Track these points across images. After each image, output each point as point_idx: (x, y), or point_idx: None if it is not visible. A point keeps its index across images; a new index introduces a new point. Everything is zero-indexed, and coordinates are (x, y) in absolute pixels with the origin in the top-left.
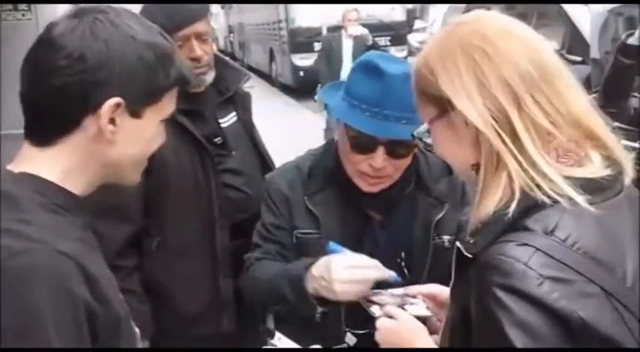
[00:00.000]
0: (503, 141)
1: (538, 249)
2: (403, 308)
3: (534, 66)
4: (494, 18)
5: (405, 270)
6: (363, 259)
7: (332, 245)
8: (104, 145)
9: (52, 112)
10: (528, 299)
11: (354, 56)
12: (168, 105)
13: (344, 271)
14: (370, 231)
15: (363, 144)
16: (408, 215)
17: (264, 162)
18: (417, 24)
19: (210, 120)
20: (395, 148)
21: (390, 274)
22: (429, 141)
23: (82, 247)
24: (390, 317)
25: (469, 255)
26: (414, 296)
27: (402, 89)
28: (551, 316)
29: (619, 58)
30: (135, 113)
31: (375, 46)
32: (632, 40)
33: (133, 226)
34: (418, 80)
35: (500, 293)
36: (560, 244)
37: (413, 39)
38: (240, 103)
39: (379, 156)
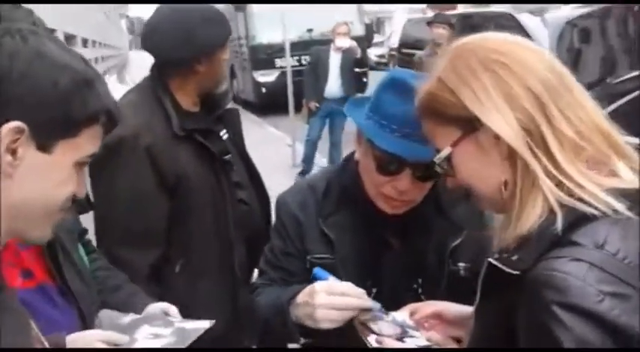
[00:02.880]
0: (536, 155)
1: (592, 264)
2: (402, 341)
3: (552, 74)
4: (495, 35)
5: (422, 297)
6: (347, 286)
7: (318, 271)
8: (5, 186)
9: None
10: (589, 316)
11: (342, 69)
12: (87, 144)
13: (326, 297)
14: (387, 256)
15: (390, 166)
16: (424, 240)
17: (254, 175)
18: (375, 38)
19: (219, 138)
20: (422, 171)
21: (373, 305)
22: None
23: None
24: None
25: (514, 272)
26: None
27: None
28: (612, 333)
29: None
30: (43, 146)
31: (363, 59)
32: None
33: (159, 250)
34: (433, 104)
35: (558, 311)
36: (612, 258)
37: (372, 53)
38: (229, 119)
39: (405, 179)
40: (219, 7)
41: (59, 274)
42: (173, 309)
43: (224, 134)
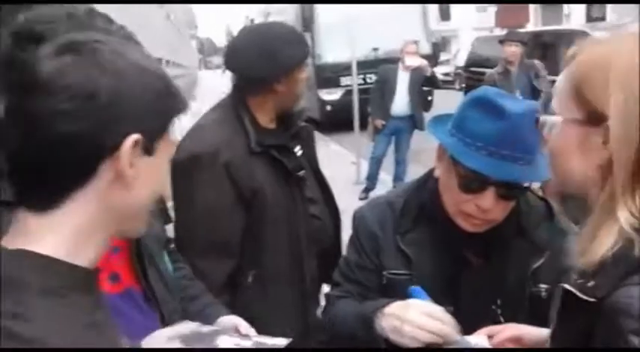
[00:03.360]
0: (636, 176)
1: None
2: None
3: None
4: None
5: (501, 318)
6: (443, 313)
7: (416, 290)
8: (121, 193)
9: (58, 168)
10: None
11: (411, 88)
12: (172, 136)
13: (420, 315)
14: (466, 275)
15: (474, 184)
16: (504, 260)
17: (325, 191)
18: (441, 56)
19: (293, 154)
20: (506, 190)
21: (460, 339)
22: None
23: (89, 336)
24: None
25: (591, 300)
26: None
27: (522, 129)
28: None
29: None
30: (148, 150)
31: (434, 78)
32: None
33: (234, 261)
34: (583, 77)
35: (636, 341)
36: None
37: (438, 72)
38: (305, 136)
39: (488, 198)
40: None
41: (145, 279)
42: (244, 324)
43: (298, 150)
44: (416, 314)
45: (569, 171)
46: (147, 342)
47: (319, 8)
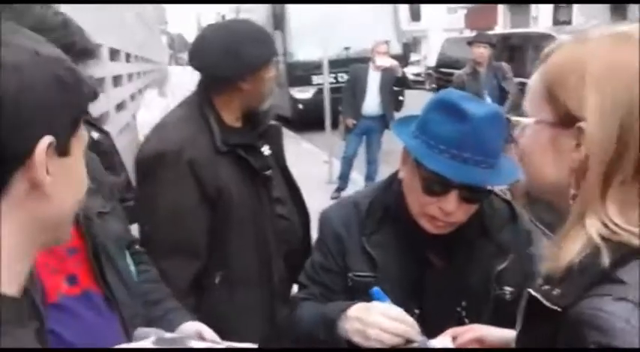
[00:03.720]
0: (608, 181)
1: (638, 305)
2: None
3: None
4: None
5: (466, 320)
6: (404, 314)
7: (377, 291)
8: (41, 203)
9: None
10: None
11: (382, 88)
12: (84, 130)
13: (383, 318)
14: (430, 276)
15: (437, 187)
16: (468, 262)
17: (294, 191)
18: (411, 57)
19: (260, 154)
20: (469, 193)
21: (421, 339)
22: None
23: None
24: None
25: (556, 308)
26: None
27: (485, 132)
28: None
29: None
30: (63, 150)
31: (404, 78)
32: None
33: (199, 262)
34: (556, 78)
35: None
36: None
37: (409, 72)
38: (272, 135)
39: (451, 200)
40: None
41: (103, 281)
42: (208, 330)
43: (266, 150)
44: (378, 316)
45: (541, 173)
46: None
47: (291, 6)
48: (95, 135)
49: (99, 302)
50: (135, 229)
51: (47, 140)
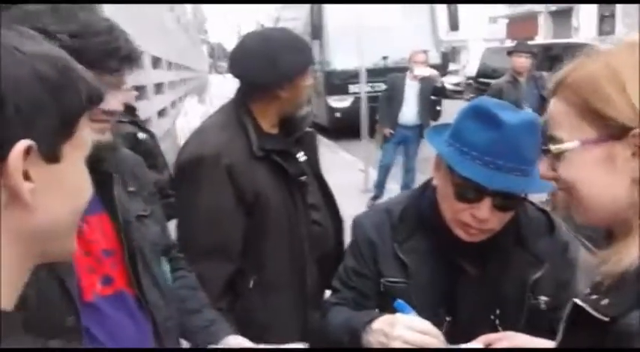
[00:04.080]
0: None
1: None
2: None
3: None
4: None
5: (500, 328)
6: (428, 326)
7: (401, 304)
8: (24, 214)
9: None
10: None
11: (421, 97)
12: (85, 136)
13: (407, 331)
14: (463, 284)
15: (469, 193)
16: (502, 270)
17: (328, 197)
18: (450, 66)
19: (295, 160)
20: (502, 200)
21: (453, 348)
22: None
23: None
24: None
25: (604, 319)
26: None
27: (518, 139)
28: None
29: None
30: (51, 156)
31: (442, 88)
32: None
33: (234, 266)
34: (588, 91)
35: None
36: None
37: (447, 81)
38: (308, 142)
39: (484, 208)
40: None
41: (138, 284)
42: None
43: (301, 156)
44: (403, 329)
45: (596, 197)
46: None
47: (329, 15)
48: (141, 135)
49: (132, 304)
50: (172, 228)
51: (23, 144)
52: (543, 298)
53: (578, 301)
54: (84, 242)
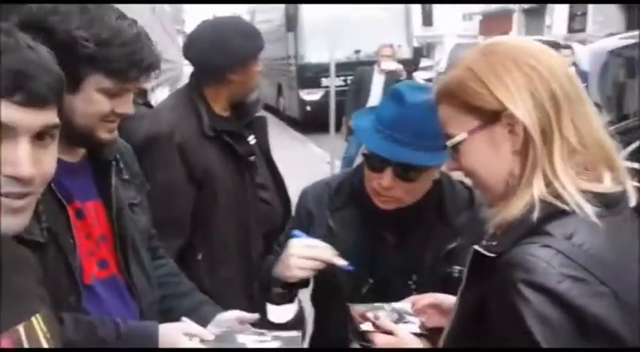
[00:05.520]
0: (542, 151)
1: (559, 251)
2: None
3: (571, 84)
4: (525, 38)
5: (415, 293)
6: (318, 241)
7: (297, 232)
8: None
9: None
10: (549, 294)
11: (385, 90)
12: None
13: (299, 247)
14: (383, 251)
15: (374, 163)
16: (422, 241)
17: (277, 178)
18: (424, 62)
19: (246, 141)
20: (402, 171)
21: (342, 263)
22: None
23: None
24: (386, 332)
25: (491, 255)
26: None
27: (417, 117)
28: (568, 311)
29: None
30: None
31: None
32: None
33: (183, 239)
34: (459, 91)
35: (524, 288)
36: (578, 248)
37: (419, 77)
38: (258, 126)
39: (387, 177)
40: (274, 26)
41: (127, 269)
42: (247, 315)
43: (252, 139)
44: (296, 246)
45: (491, 176)
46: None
47: (304, 8)
48: None
49: (122, 288)
50: None
51: None
52: (457, 267)
53: (475, 247)
54: (86, 225)
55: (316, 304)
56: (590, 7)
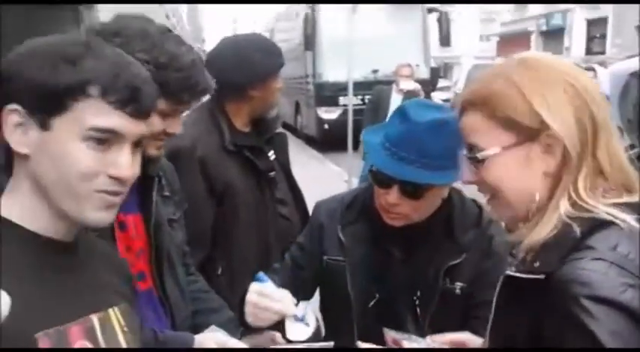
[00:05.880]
0: (581, 164)
1: (612, 263)
2: None
3: (602, 107)
4: (560, 57)
5: (418, 309)
6: (275, 291)
7: (260, 275)
8: (24, 162)
9: None
10: (614, 305)
11: None
12: (86, 116)
13: (254, 296)
14: (391, 267)
15: (381, 180)
16: (427, 257)
17: (297, 194)
18: (441, 83)
19: (266, 157)
20: (409, 189)
21: (294, 313)
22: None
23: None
24: None
25: (540, 277)
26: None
27: (422, 135)
28: (634, 319)
29: None
30: (42, 124)
31: None
32: None
33: (204, 253)
34: (499, 104)
35: (587, 303)
36: (625, 258)
37: (436, 97)
38: (278, 142)
39: (393, 193)
40: (292, 45)
41: (161, 283)
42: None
43: (272, 155)
44: (251, 294)
45: (517, 194)
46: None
47: (322, 27)
48: None
49: (156, 302)
50: None
51: (10, 107)
52: (459, 284)
53: (509, 272)
54: (127, 237)
55: (324, 316)
56: (609, 29)
